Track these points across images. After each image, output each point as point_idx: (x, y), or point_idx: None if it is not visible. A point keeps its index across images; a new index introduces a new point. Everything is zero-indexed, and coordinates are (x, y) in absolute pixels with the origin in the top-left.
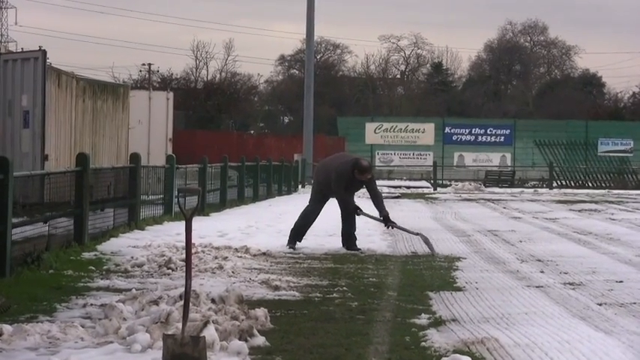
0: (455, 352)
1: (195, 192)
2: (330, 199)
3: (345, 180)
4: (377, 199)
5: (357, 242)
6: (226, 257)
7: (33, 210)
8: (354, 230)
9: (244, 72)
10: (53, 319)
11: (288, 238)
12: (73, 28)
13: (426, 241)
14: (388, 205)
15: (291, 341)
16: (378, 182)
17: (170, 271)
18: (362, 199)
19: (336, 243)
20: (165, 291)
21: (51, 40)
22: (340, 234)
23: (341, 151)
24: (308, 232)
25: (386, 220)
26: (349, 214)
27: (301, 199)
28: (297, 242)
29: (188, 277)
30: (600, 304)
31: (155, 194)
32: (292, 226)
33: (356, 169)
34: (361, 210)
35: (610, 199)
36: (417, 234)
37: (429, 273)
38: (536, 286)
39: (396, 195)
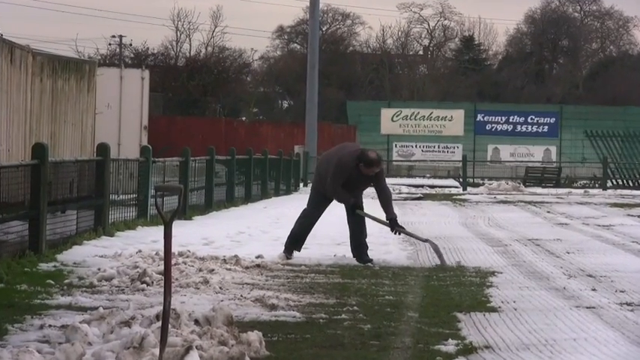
0: None
1: (176, 191)
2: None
3: (345, 173)
4: (385, 198)
5: (370, 252)
6: (213, 270)
7: None
8: (365, 237)
9: (235, 46)
10: (4, 344)
11: (284, 245)
12: None
13: (436, 249)
14: (407, 207)
15: None
16: (395, 180)
17: (145, 285)
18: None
19: (344, 253)
20: (138, 310)
21: (2, 8)
22: (349, 242)
23: (351, 142)
24: (310, 240)
25: (393, 223)
26: (351, 213)
27: (303, 200)
28: (296, 251)
29: (167, 294)
30: None
31: (127, 193)
32: (289, 234)
33: (362, 162)
34: (362, 209)
35: None
36: (426, 240)
37: (458, 290)
38: (587, 307)
39: (418, 196)
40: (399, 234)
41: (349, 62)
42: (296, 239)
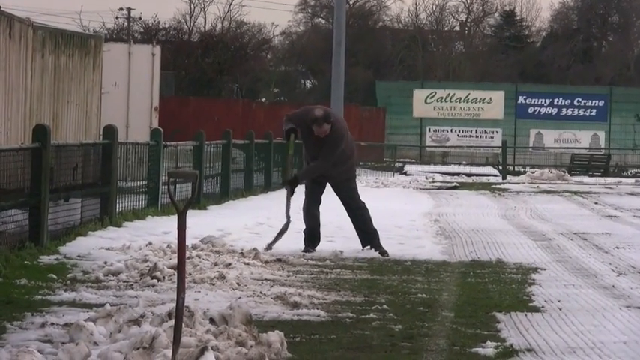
0: None
1: (190, 177)
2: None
3: (298, 119)
4: (316, 162)
5: (401, 246)
6: (229, 264)
7: None
8: (370, 224)
9: (254, 21)
10: (2, 343)
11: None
12: None
13: (281, 231)
14: (442, 197)
15: None
16: (429, 168)
17: (155, 281)
18: (381, 189)
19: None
20: (149, 307)
21: None
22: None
23: (374, 124)
24: (337, 232)
25: (291, 181)
26: (350, 203)
27: (328, 188)
28: (313, 247)
29: (180, 290)
30: None
31: (136, 180)
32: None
33: (309, 120)
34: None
35: None
36: (287, 220)
37: (497, 288)
38: (638, 307)
39: (453, 185)
40: (287, 192)
41: (378, 39)
42: (310, 235)
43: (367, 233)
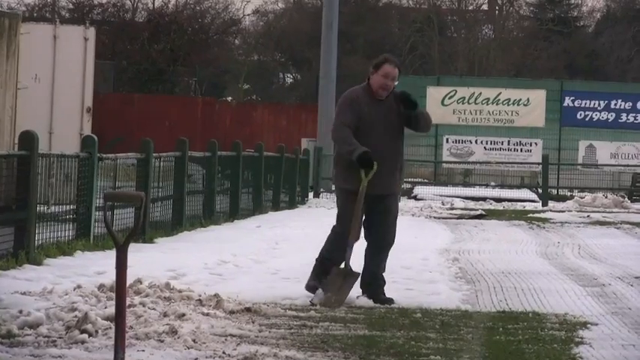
0: None
1: (133, 200)
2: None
3: (354, 105)
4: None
5: (411, 292)
6: (183, 314)
7: None
8: (383, 270)
9: None
10: None
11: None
12: None
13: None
14: (464, 229)
15: None
16: (446, 190)
17: (86, 336)
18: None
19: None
20: None
21: None
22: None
23: None
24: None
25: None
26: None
27: (314, 216)
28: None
29: (118, 349)
30: None
31: (62, 204)
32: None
33: (371, 71)
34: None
35: None
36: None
37: (534, 348)
38: None
39: (478, 213)
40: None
41: (382, 20)
42: (324, 264)
43: (377, 280)
